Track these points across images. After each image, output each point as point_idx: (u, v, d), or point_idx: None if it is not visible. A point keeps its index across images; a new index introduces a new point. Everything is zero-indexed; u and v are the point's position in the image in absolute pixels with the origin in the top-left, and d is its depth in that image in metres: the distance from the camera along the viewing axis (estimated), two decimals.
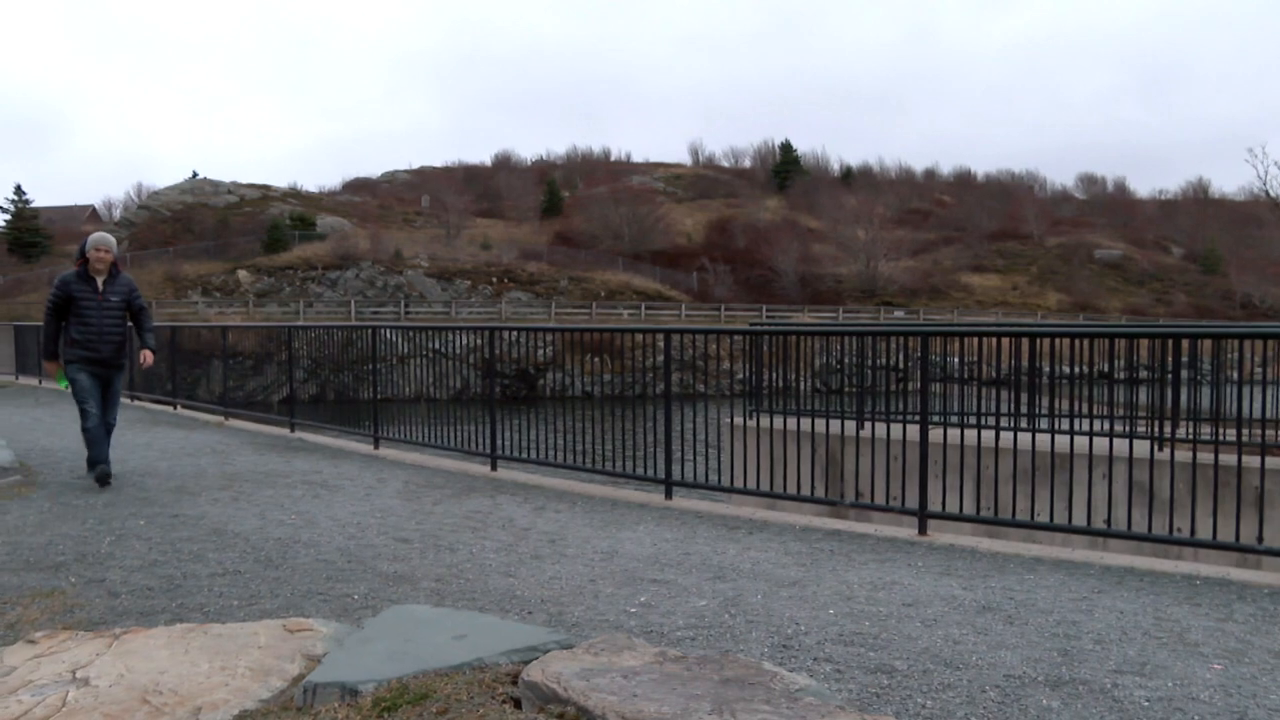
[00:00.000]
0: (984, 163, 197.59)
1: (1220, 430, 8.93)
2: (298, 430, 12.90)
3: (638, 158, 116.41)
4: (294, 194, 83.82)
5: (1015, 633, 4.45)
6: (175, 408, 16.16)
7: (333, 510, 7.40)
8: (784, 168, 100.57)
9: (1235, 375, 8.99)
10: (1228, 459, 6.66)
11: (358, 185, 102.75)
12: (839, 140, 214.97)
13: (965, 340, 10.09)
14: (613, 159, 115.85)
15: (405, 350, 12.53)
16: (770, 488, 8.01)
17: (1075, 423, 9.48)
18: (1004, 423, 9.45)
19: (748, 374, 11.65)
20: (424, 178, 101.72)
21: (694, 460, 8.53)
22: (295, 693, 3.35)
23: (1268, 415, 9.83)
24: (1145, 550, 6.77)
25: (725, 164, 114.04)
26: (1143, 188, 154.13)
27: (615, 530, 6.79)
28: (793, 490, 7.94)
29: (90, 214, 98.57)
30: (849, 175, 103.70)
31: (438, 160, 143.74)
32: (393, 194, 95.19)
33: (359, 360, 12.53)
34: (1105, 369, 10.18)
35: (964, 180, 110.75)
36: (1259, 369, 9.75)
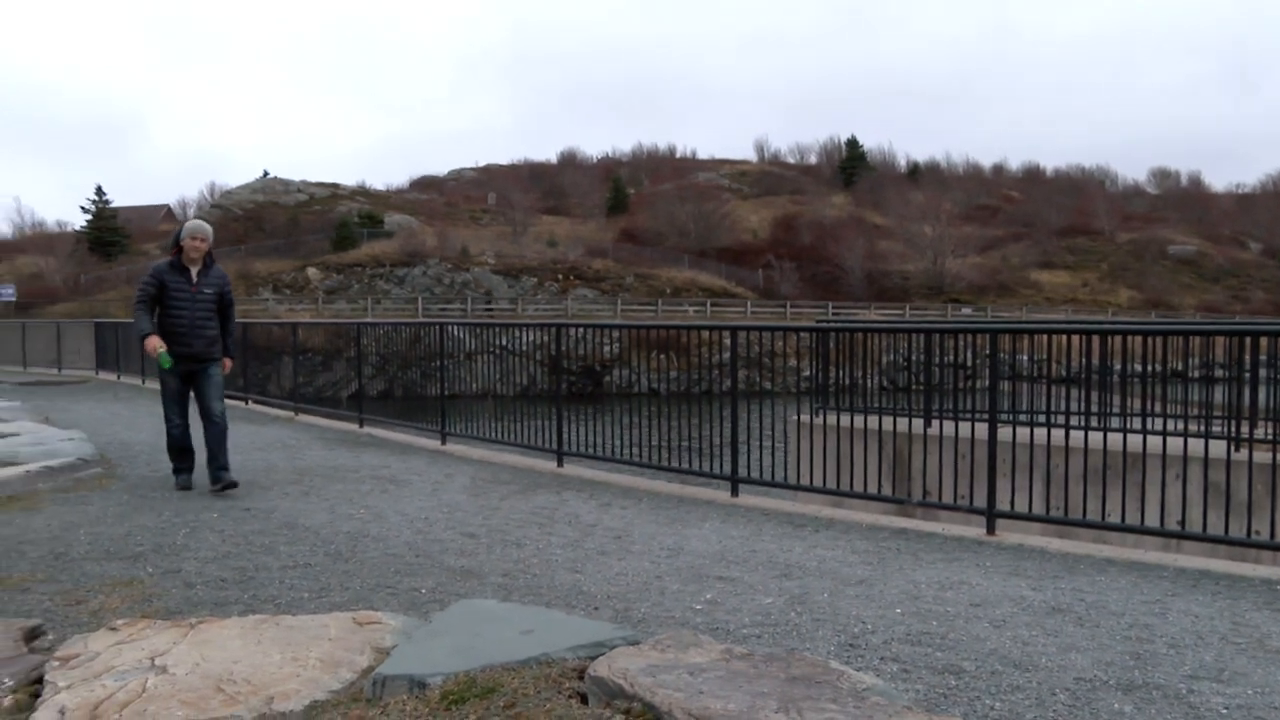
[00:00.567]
0: (1053, 157, 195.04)
1: None
2: (366, 426, 13.05)
3: (703, 154, 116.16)
4: (362, 192, 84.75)
5: (1086, 635, 4.39)
6: (247, 403, 16.41)
7: (401, 505, 7.48)
8: (850, 164, 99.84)
9: None
10: None
11: (425, 183, 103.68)
12: (906, 136, 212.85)
13: (1034, 337, 9.97)
14: (678, 156, 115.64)
15: (472, 347, 12.61)
16: (836, 485, 7.97)
17: (1148, 422, 9.33)
18: (1074, 421, 9.32)
19: (814, 371, 11.59)
20: (490, 175, 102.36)
21: (760, 457, 8.51)
22: (365, 684, 3.39)
23: None
24: (1221, 553, 6.63)
25: (791, 160, 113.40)
26: (1218, 182, 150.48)
27: (681, 527, 6.79)
28: (859, 488, 7.89)
29: (166, 213, 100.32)
30: (916, 171, 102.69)
31: (503, 158, 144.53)
32: (459, 192, 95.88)
33: (426, 356, 12.64)
34: (1179, 367, 10.01)
35: (1033, 175, 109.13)
36: None
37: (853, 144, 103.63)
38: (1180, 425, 9.12)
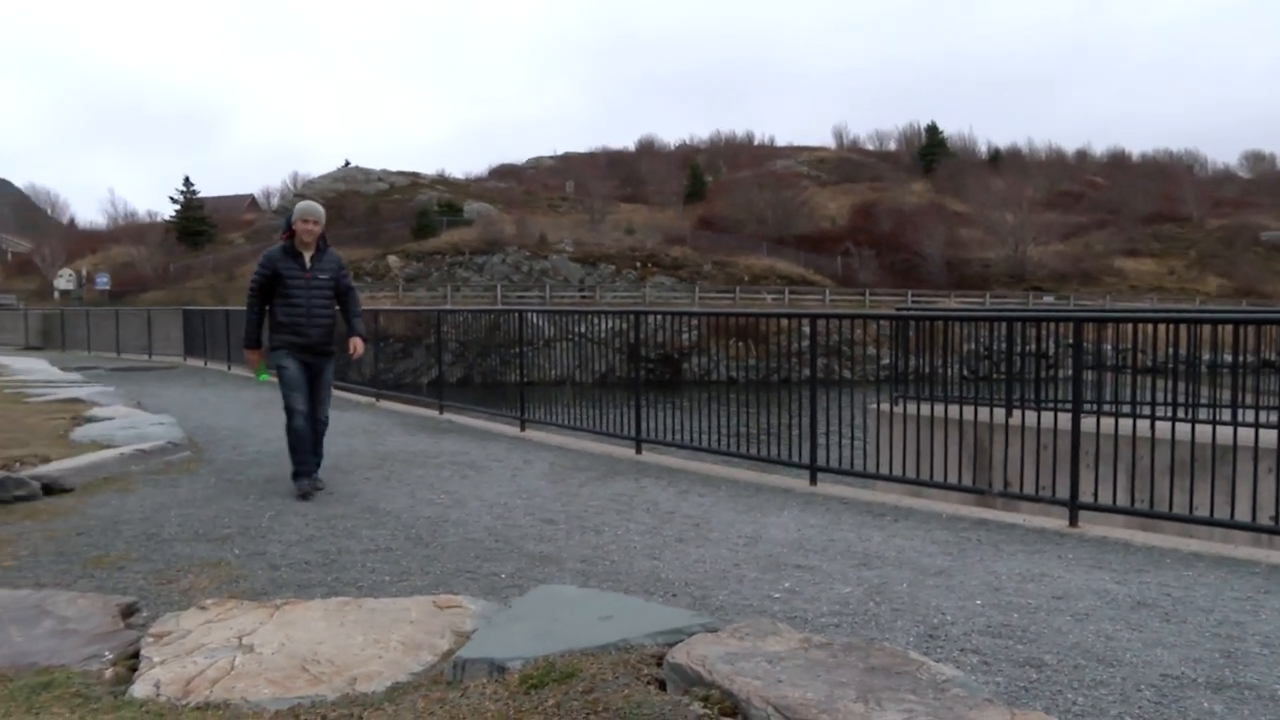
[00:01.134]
0: (1139, 142, 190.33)
1: None
2: (446, 412, 13.18)
3: (781, 141, 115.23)
4: (442, 181, 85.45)
5: (1173, 631, 4.30)
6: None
7: (480, 491, 7.55)
8: (930, 150, 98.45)
9: None
10: None
11: (503, 171, 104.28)
12: (987, 121, 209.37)
13: (1119, 326, 9.77)
14: (756, 143, 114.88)
15: (550, 334, 12.69)
16: (916, 475, 7.90)
17: (1238, 414, 9.10)
18: (1160, 412, 9.13)
19: (893, 359, 11.47)
20: (568, 164, 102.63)
21: (839, 446, 8.46)
22: (445, 667, 3.44)
23: None
24: None
25: (870, 147, 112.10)
26: None
27: (759, 515, 6.78)
28: (938, 478, 7.82)
29: (250, 203, 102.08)
30: (997, 157, 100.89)
31: (581, 146, 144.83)
32: (538, 180, 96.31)
33: (505, 343, 12.74)
34: (1271, 357, 9.76)
35: (1118, 161, 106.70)
36: None
37: (933, 130, 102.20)
38: (1272, 417, 8.89)
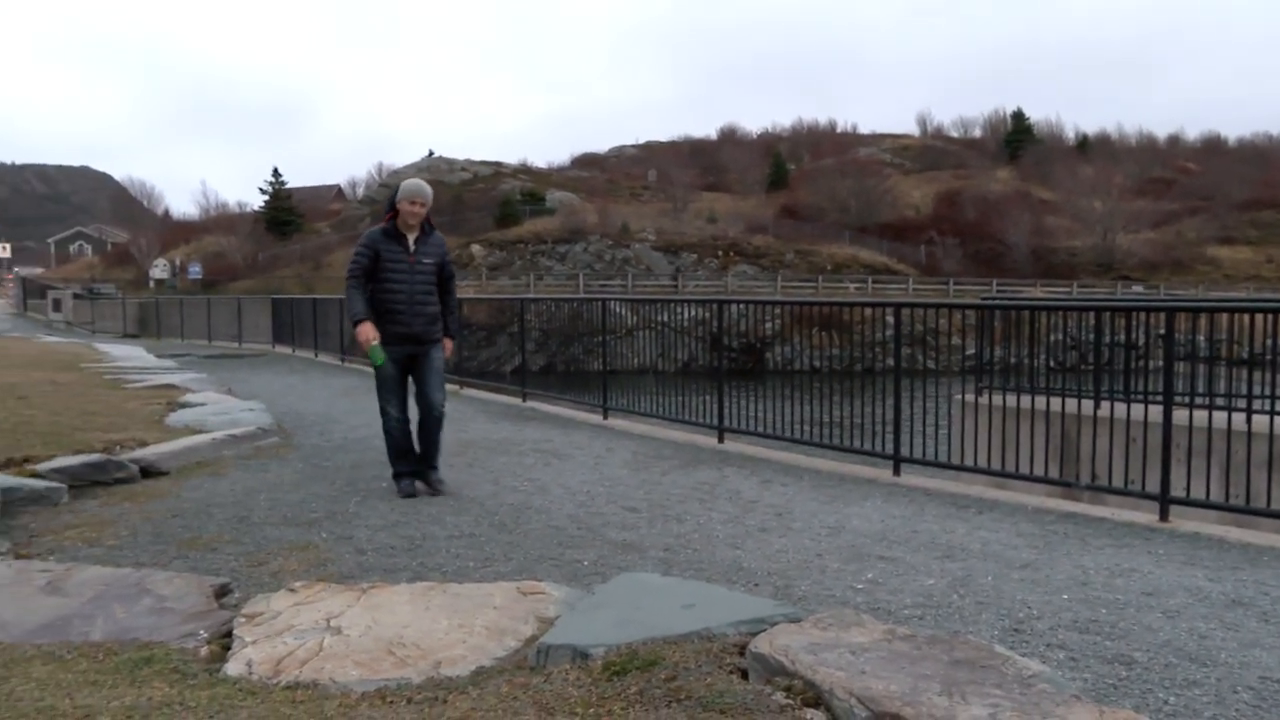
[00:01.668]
0: (1236, 126, 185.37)
1: None
2: (529, 400, 13.27)
3: (864, 129, 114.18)
4: (524, 170, 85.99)
5: (1272, 632, 4.18)
6: None
7: (563, 478, 7.60)
8: (1016, 137, 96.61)
9: None
10: None
11: (585, 161, 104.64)
12: (1075, 107, 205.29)
13: (1214, 316, 9.55)
14: (839, 131, 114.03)
15: (633, 322, 12.73)
16: (1001, 467, 7.79)
17: None
18: (1256, 405, 8.90)
19: (978, 350, 11.33)
20: (650, 152, 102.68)
21: (922, 437, 8.38)
22: (529, 653, 3.47)
23: None
24: None
25: (954, 134, 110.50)
26: None
27: (842, 505, 6.74)
28: (1024, 470, 7.70)
29: (336, 193, 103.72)
30: (1085, 144, 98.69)
31: (663, 135, 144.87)
32: (620, 169, 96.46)
33: (588, 332, 12.79)
34: None
35: (1213, 145, 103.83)
36: None
37: (1019, 116, 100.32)
38: None
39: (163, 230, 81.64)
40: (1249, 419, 7.13)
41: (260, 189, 79.42)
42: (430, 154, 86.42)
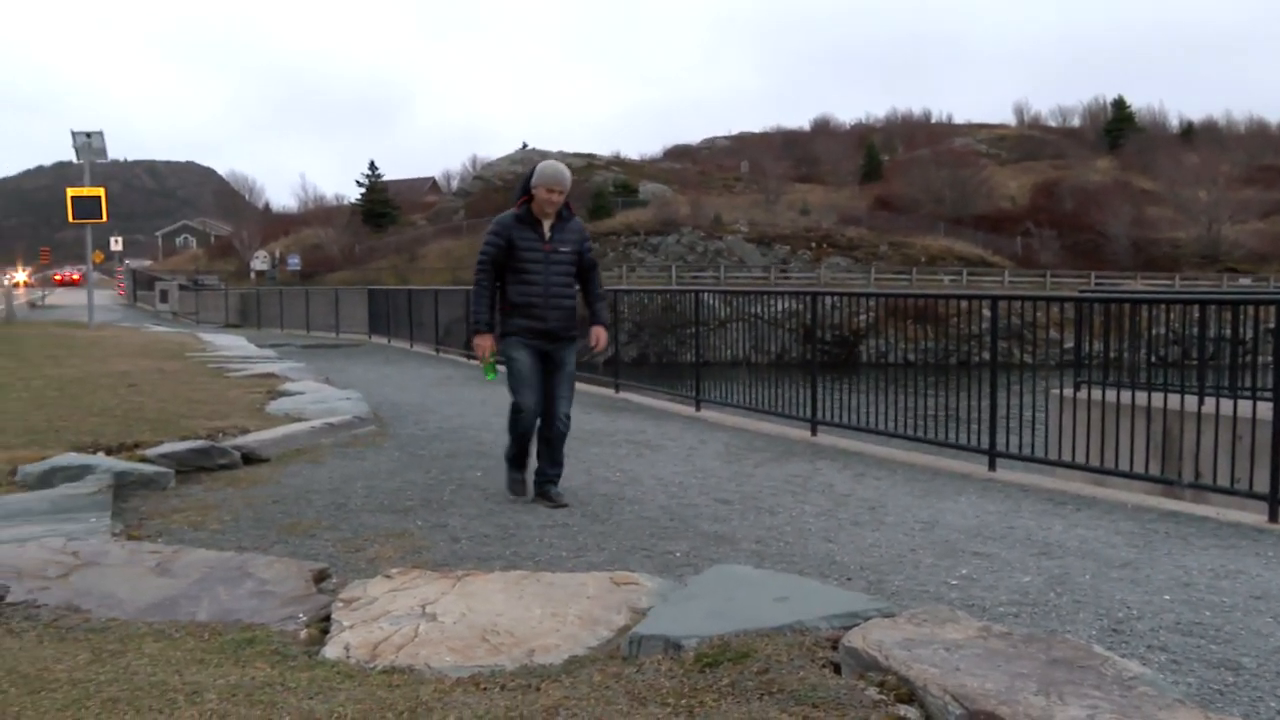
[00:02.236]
0: None
1: None
2: (622, 391, 13.31)
3: (959, 119, 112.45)
4: (617, 162, 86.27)
5: None
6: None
7: (655, 469, 7.61)
8: (1116, 125, 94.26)
9: None
10: None
11: (678, 152, 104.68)
12: (1179, 94, 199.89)
13: None
14: (933, 121, 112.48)
15: (725, 314, 12.69)
16: (1100, 463, 7.63)
17: None
18: None
19: (1076, 343, 11.09)
20: (743, 144, 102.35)
21: (1019, 432, 8.24)
22: (621, 643, 3.48)
23: None
24: None
25: (1052, 123, 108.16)
26: None
27: (936, 500, 6.66)
28: (1123, 467, 7.52)
29: (431, 185, 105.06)
30: (1190, 131, 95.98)
31: (756, 126, 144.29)
32: (712, 160, 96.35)
33: (680, 324, 12.78)
34: None
35: None
36: None
37: (1119, 104, 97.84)
38: None
39: (263, 223, 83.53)
40: None
41: (357, 182, 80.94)
42: (524, 146, 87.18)
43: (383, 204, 76.99)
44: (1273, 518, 6.29)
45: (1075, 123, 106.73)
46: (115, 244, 69.30)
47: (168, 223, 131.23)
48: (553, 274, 6.36)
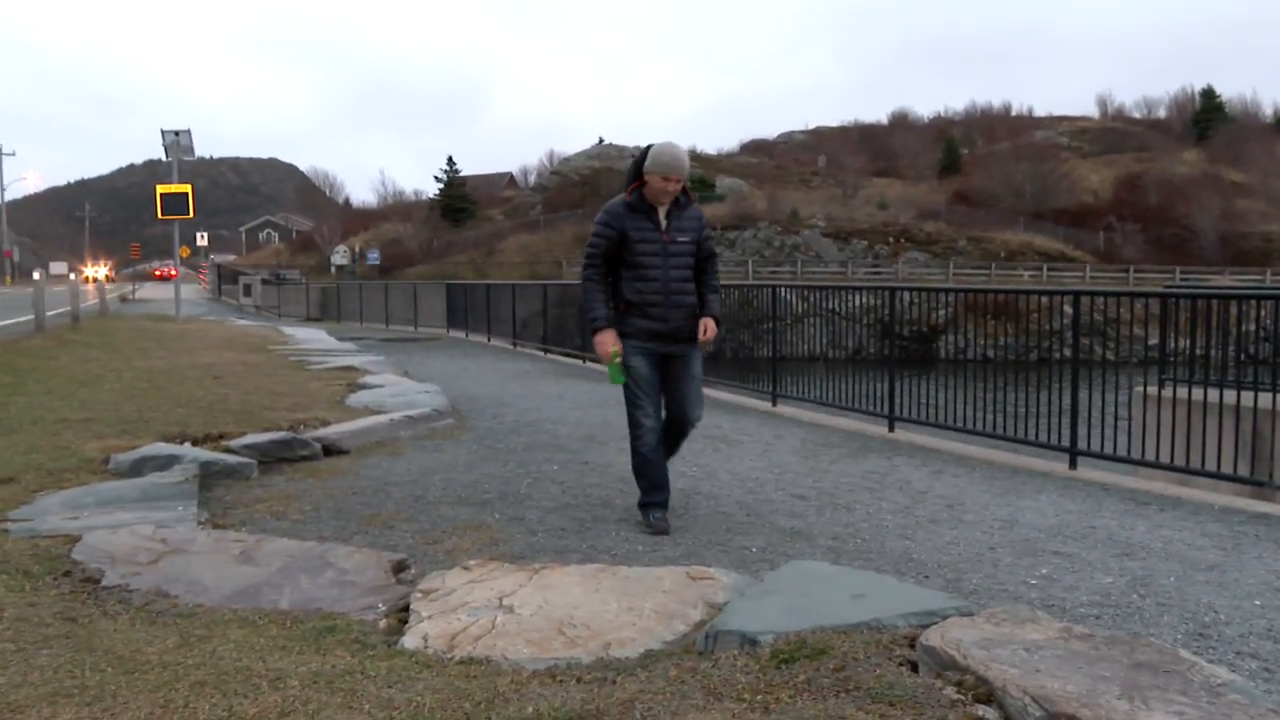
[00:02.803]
0: None
1: None
2: None
3: (1040, 111, 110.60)
4: (693, 157, 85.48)
5: None
6: (584, 361, 17.01)
7: (731, 464, 7.60)
8: (1205, 116, 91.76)
9: None
10: None
11: (754, 147, 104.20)
12: (1273, 82, 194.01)
13: None
14: (1013, 114, 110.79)
15: (801, 310, 12.61)
16: (1185, 463, 7.47)
17: None
18: None
19: (1161, 340, 10.87)
20: (819, 138, 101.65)
21: (1101, 430, 8.10)
22: (697, 638, 3.48)
23: None
24: None
25: (1136, 115, 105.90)
26: None
27: (1015, 498, 6.57)
28: (1210, 467, 7.36)
29: (508, 180, 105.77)
30: None
31: (833, 120, 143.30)
32: (789, 155, 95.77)
33: (756, 319, 12.74)
34: None
35: None
36: None
37: (1208, 94, 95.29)
38: None
39: (343, 218, 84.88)
40: None
41: (435, 177, 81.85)
42: (600, 141, 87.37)
43: (460, 199, 77.67)
44: None
45: (1161, 114, 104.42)
46: (201, 239, 70.83)
47: (251, 218, 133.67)
48: (672, 267, 5.66)
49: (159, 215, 27.90)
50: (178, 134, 27.45)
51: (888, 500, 6.40)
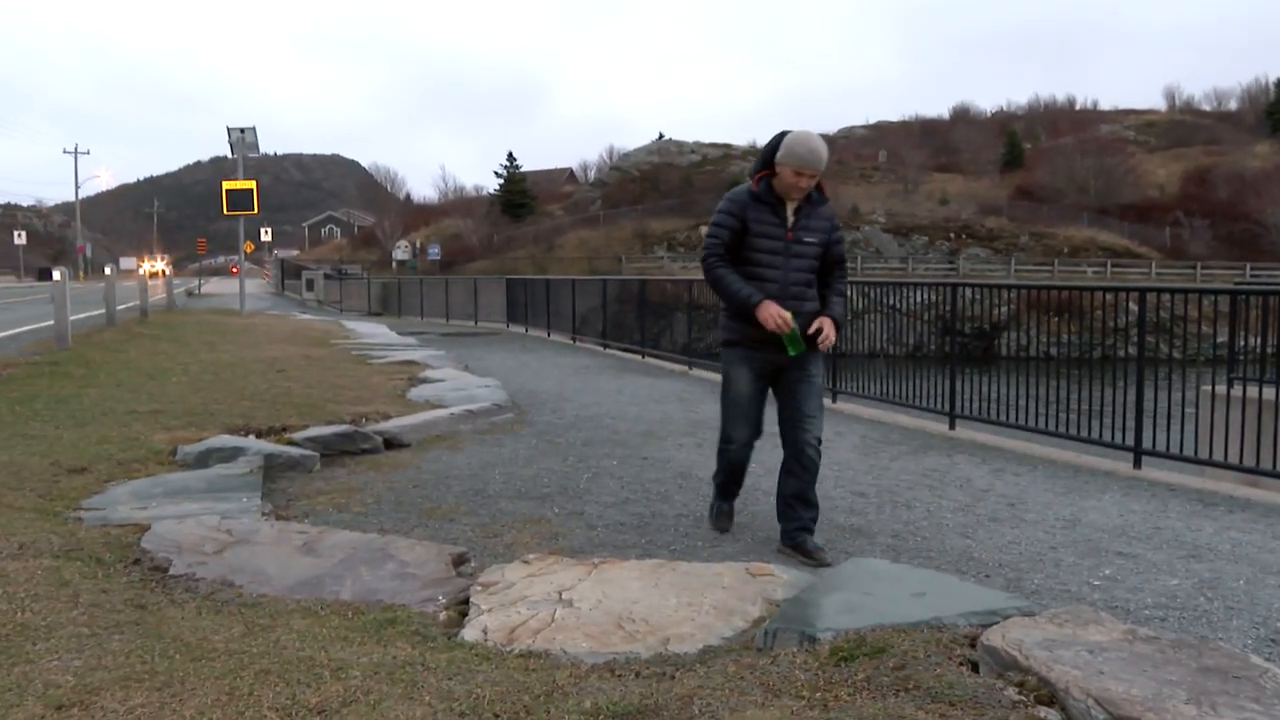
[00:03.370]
0: None
1: None
2: None
3: (1105, 105, 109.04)
4: (753, 151, 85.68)
5: None
6: (643, 356, 17.05)
7: None
8: (1278, 108, 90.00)
9: None
10: None
11: None
12: None
13: None
14: (1078, 107, 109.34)
15: (861, 306, 12.53)
16: (1255, 463, 7.33)
17: None
18: None
19: (1230, 338, 10.68)
20: (880, 133, 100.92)
21: (1167, 429, 7.97)
22: (756, 634, 3.48)
23: None
24: None
25: (1206, 107, 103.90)
26: None
27: (1077, 497, 6.49)
28: None
29: (568, 176, 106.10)
30: None
31: (894, 114, 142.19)
32: (849, 150, 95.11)
33: None
34: None
35: None
36: None
37: None
38: None
39: (404, 213, 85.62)
40: None
41: (495, 172, 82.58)
42: (660, 136, 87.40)
43: (520, 194, 78.10)
44: None
45: (1231, 106, 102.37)
46: (265, 235, 71.78)
47: (314, 214, 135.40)
48: (793, 269, 5.06)
49: (224, 211, 28.33)
50: (243, 131, 27.86)
51: (948, 498, 6.35)
